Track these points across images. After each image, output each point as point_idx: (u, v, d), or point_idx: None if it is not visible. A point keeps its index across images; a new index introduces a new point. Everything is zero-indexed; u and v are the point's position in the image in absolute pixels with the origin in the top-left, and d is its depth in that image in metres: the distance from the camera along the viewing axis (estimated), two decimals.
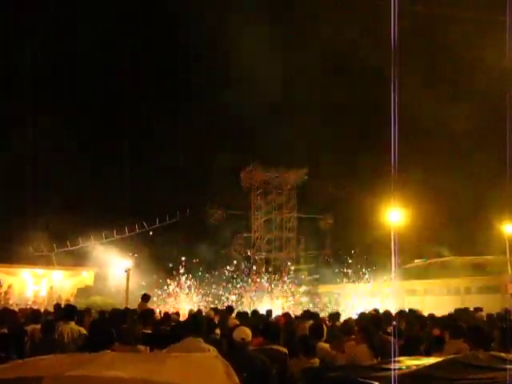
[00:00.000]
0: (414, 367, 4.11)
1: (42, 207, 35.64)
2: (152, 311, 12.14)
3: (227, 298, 31.92)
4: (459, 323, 8.66)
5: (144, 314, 10.71)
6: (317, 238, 43.97)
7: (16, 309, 13.65)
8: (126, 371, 3.13)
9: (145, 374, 3.02)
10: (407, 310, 14.22)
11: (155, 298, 24.95)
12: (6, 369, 3.32)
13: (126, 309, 12.02)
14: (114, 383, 2.84)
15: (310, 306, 30.69)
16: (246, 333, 6.47)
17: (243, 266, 37.57)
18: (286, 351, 7.10)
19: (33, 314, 10.04)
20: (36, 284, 32.96)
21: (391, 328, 9.07)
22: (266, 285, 36.50)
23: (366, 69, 39.03)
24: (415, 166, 31.89)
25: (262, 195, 43.96)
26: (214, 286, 31.27)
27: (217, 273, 32.45)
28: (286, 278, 40.78)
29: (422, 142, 36.21)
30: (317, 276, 41.73)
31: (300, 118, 42.69)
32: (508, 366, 3.94)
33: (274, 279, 42.03)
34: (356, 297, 30.91)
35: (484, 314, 12.74)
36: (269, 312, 13.16)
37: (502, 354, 4.67)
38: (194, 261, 31.51)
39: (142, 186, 37.60)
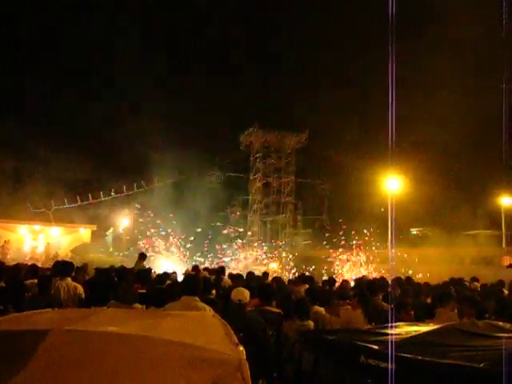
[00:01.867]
0: (413, 333, 4.12)
1: (40, 165, 35.62)
2: (149, 270, 12.19)
3: (223, 260, 32.12)
4: (451, 292, 8.68)
5: (140, 272, 10.76)
6: (314, 204, 44.13)
7: (13, 264, 13.67)
8: (124, 327, 3.11)
9: (143, 331, 3.00)
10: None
11: (152, 258, 25.05)
12: (5, 321, 3.31)
13: (122, 267, 12.03)
14: (111, 338, 2.82)
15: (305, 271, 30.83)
16: (243, 294, 6.51)
17: (241, 229, 37.70)
18: (281, 312, 7.16)
19: (31, 269, 10.05)
20: (33, 240, 33.17)
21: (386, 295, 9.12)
22: (263, 249, 36.74)
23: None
24: (416, 133, 31.79)
25: (260, 158, 43.86)
26: (209, 247, 31.37)
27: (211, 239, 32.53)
28: (281, 242, 41.16)
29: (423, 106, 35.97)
30: (309, 242, 41.95)
31: (301, 81, 42.29)
32: (505, 334, 3.95)
33: (270, 242, 42.44)
34: (351, 264, 31.11)
35: (479, 284, 12.82)
36: (265, 274, 13.23)
37: (500, 323, 4.69)
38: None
39: (141, 146, 37.37)
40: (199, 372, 2.55)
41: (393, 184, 31.07)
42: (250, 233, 42.34)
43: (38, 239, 33.25)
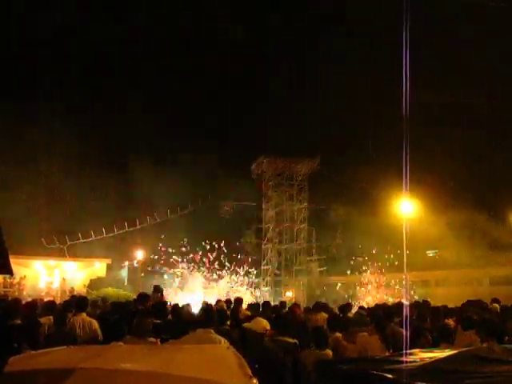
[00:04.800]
0: (427, 360, 4.08)
1: (54, 201, 35.93)
2: (164, 303, 12.16)
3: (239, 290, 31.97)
4: (471, 314, 8.57)
5: (155, 305, 10.73)
6: (328, 229, 43.90)
7: (29, 300, 13.70)
8: (140, 364, 3.14)
9: (159, 367, 3.02)
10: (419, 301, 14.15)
11: (167, 290, 25.01)
12: (23, 359, 3.33)
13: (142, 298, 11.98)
14: (127, 376, 2.84)
15: (321, 297, 30.63)
16: (262, 324, 6.53)
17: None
18: (297, 342, 7.13)
19: (47, 305, 10.06)
20: (49, 275, 33.27)
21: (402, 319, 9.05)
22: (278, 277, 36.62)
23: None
24: (429, 157, 31.72)
25: (272, 186, 43.88)
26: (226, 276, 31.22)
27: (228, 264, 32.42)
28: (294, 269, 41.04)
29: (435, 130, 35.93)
30: (324, 268, 41.74)
31: (312, 107, 42.49)
32: None
33: (285, 270, 42.28)
34: (367, 288, 30.91)
35: (499, 306, 12.61)
36: (283, 303, 13.15)
37: None
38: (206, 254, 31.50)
39: (152, 177, 37.60)
40: None
41: (407, 206, 30.90)
42: (264, 261, 42.26)
43: (54, 274, 33.36)
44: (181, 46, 48.75)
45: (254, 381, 2.93)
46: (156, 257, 31.38)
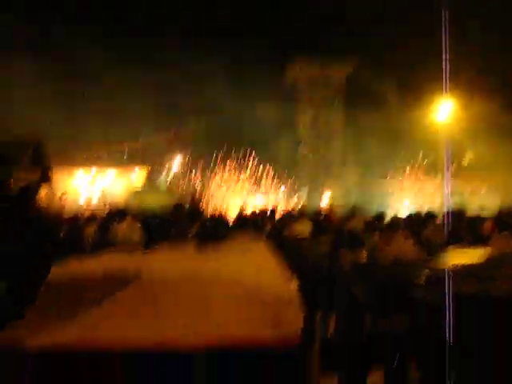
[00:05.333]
0: (462, 264, 4.13)
1: (95, 109, 36.00)
2: (201, 209, 12.46)
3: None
4: (507, 219, 8.54)
5: (193, 211, 10.99)
6: (365, 134, 43.35)
7: (71, 210, 14.10)
8: (183, 267, 3.26)
9: (200, 270, 3.15)
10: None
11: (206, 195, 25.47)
12: (69, 265, 3.46)
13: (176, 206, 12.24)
14: (172, 280, 2.97)
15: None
16: (302, 229, 6.70)
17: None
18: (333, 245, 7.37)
19: (90, 217, 10.37)
20: (89, 185, 34.01)
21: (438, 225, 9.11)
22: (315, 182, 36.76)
23: None
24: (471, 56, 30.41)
25: (307, 91, 43.20)
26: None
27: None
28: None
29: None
30: (361, 174, 41.61)
31: (349, 9, 40.62)
32: None
33: (322, 176, 42.35)
34: (402, 194, 30.89)
35: None
36: (319, 208, 13.34)
37: None
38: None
39: (190, 84, 37.20)
40: (255, 309, 2.67)
41: (445, 111, 30.08)
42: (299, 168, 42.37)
43: (94, 184, 34.05)
44: None
45: (294, 283, 3.04)
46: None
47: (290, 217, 11.30)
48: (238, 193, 31.83)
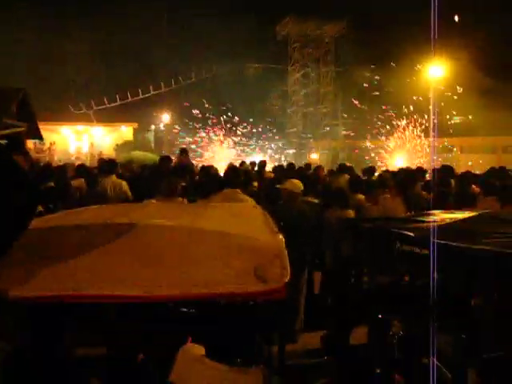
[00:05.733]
0: (448, 220, 4.18)
1: (80, 66, 35.62)
2: (190, 164, 12.42)
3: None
4: (493, 181, 8.58)
5: (181, 166, 10.96)
6: (355, 92, 43.15)
7: (60, 164, 14.01)
8: (170, 219, 3.28)
9: (189, 222, 3.16)
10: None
11: (192, 154, 25.42)
12: (56, 218, 3.48)
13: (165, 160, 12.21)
14: (159, 230, 2.98)
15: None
16: (297, 185, 6.74)
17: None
18: (320, 202, 7.41)
19: (78, 169, 10.32)
20: (77, 140, 33.93)
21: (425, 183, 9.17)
22: (303, 139, 36.75)
23: None
24: (462, 18, 30.07)
25: (298, 48, 42.77)
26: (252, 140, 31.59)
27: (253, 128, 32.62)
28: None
29: None
30: (350, 132, 41.55)
31: None
32: None
33: (310, 133, 42.30)
34: (392, 153, 30.97)
35: None
36: (307, 165, 13.34)
37: None
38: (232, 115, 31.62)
39: (177, 41, 36.76)
40: (240, 260, 2.68)
41: (435, 70, 29.93)
42: (289, 125, 42.27)
43: (82, 139, 33.96)
44: None
45: (280, 236, 3.05)
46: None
47: (280, 172, 11.34)
48: (226, 150, 31.78)
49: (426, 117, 30.41)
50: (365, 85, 38.69)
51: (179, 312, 3.06)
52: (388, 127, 32.77)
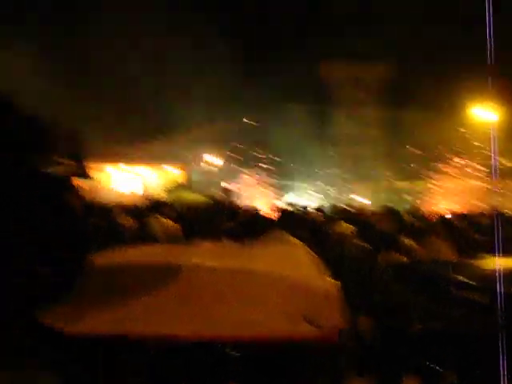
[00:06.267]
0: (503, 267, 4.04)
1: (131, 107, 36.35)
2: (236, 206, 12.47)
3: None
4: None
5: (228, 208, 11.02)
6: (399, 134, 42.86)
7: (106, 201, 14.19)
8: (221, 261, 3.26)
9: (239, 264, 3.14)
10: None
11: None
12: (107, 255, 3.49)
13: (210, 203, 12.31)
14: (211, 272, 2.97)
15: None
16: (345, 227, 6.69)
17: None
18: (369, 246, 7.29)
19: (125, 208, 10.46)
20: (125, 179, 34.51)
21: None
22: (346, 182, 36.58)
23: None
24: None
25: (342, 89, 42.98)
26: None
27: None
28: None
29: None
30: (393, 173, 41.09)
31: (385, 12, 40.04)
32: None
33: (353, 175, 42.10)
34: (443, 196, 30.47)
35: None
36: (351, 208, 13.25)
37: None
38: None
39: (223, 81, 37.18)
40: (292, 303, 2.65)
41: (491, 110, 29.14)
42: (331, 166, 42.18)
43: (131, 179, 34.53)
44: None
45: (333, 280, 3.00)
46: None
47: (326, 215, 11.28)
48: (269, 192, 31.90)
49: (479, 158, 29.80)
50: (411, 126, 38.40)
51: (224, 354, 3.03)
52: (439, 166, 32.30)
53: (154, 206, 9.14)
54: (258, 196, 30.85)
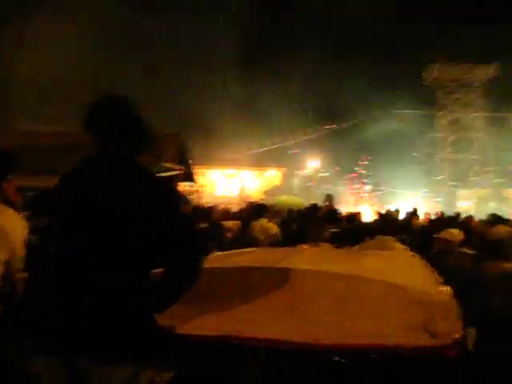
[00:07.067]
0: None
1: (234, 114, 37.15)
2: (336, 211, 12.35)
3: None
4: None
5: (329, 212, 10.93)
6: (506, 138, 40.88)
7: (210, 205, 14.53)
8: (329, 266, 3.24)
9: (348, 269, 3.11)
10: None
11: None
12: (214, 259, 3.56)
13: (312, 206, 12.28)
14: (319, 276, 2.96)
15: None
16: (452, 234, 6.44)
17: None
18: (477, 254, 6.99)
19: (225, 212, 10.67)
20: (227, 184, 35.15)
21: None
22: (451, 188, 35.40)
23: None
24: None
25: (446, 93, 41.66)
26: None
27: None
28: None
29: None
30: (502, 180, 39.23)
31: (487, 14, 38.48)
32: None
33: (459, 181, 40.60)
34: None
35: None
36: (458, 214, 12.81)
37: None
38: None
39: (324, 88, 37.19)
40: (408, 312, 2.58)
41: None
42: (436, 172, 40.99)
43: (231, 183, 35.09)
44: None
45: (446, 288, 2.91)
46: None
47: (435, 221, 10.98)
48: (373, 198, 31.46)
49: None
50: None
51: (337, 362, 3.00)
52: None
53: (258, 210, 9.21)
54: (362, 202, 30.46)
